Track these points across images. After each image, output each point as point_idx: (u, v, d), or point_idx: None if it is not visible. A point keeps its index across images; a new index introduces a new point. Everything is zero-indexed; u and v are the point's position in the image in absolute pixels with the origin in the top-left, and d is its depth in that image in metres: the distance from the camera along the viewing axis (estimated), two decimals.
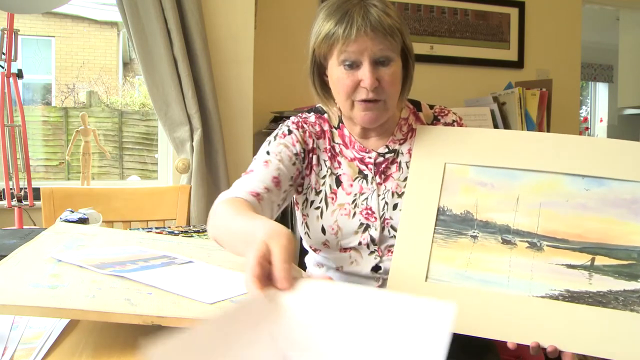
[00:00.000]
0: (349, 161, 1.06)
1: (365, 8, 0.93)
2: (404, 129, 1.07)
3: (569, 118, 3.04)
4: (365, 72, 0.93)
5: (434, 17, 2.75)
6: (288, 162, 1.03)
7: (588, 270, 0.84)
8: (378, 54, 0.94)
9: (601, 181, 0.87)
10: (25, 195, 1.79)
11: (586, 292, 0.82)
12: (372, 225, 1.02)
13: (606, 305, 0.81)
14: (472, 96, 2.71)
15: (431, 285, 0.89)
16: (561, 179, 0.89)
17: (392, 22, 0.94)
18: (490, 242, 0.89)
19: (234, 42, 2.11)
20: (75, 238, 0.97)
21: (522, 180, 0.91)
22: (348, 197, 1.04)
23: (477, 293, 0.86)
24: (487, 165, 0.93)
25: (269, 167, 1.01)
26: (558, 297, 0.83)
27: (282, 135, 1.06)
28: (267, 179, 0.99)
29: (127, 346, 0.64)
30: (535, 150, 0.92)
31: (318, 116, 1.10)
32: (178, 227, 1.55)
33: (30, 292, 0.64)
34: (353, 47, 0.93)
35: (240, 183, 0.99)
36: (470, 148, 0.95)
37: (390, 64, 0.96)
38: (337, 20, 0.94)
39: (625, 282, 0.81)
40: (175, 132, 2.02)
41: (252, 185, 0.97)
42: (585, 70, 5.78)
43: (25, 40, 4.35)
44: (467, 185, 0.93)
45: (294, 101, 2.34)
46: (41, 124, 3.63)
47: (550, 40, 3.01)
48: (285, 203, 1.05)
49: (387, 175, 1.05)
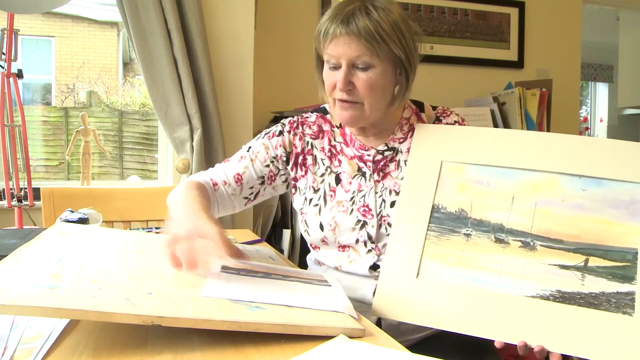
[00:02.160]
0: (349, 159, 1.08)
1: (353, 11, 0.94)
2: (404, 129, 1.08)
3: (569, 118, 3.05)
4: (339, 74, 0.97)
5: (434, 17, 2.75)
6: (260, 164, 1.10)
7: (581, 271, 0.83)
8: (354, 58, 0.95)
9: (598, 181, 0.86)
10: (25, 195, 1.79)
11: (578, 293, 0.81)
12: (369, 223, 1.03)
13: (598, 307, 0.80)
14: (472, 96, 2.71)
15: (422, 281, 0.89)
16: (558, 179, 0.88)
17: (375, 27, 0.93)
18: (483, 240, 0.89)
19: (234, 42, 2.11)
20: (75, 238, 0.97)
21: (518, 179, 0.90)
22: (346, 195, 1.05)
23: (467, 291, 0.86)
24: (484, 164, 0.93)
25: (239, 164, 1.11)
26: (549, 297, 0.82)
27: (271, 135, 1.12)
28: (230, 175, 1.10)
29: (127, 346, 0.64)
30: (532, 150, 0.91)
31: (320, 116, 1.13)
32: None
33: (30, 292, 0.64)
34: (332, 48, 0.97)
35: (213, 169, 1.12)
36: (468, 146, 0.95)
37: (368, 70, 0.96)
38: (327, 19, 0.97)
39: (619, 284, 0.80)
40: (175, 132, 2.02)
41: (215, 175, 1.10)
42: (585, 70, 5.78)
43: (25, 40, 4.35)
44: (462, 183, 0.93)
45: (294, 101, 2.35)
46: (41, 124, 3.63)
47: (550, 40, 3.01)
48: (257, 198, 1.13)
49: (386, 173, 1.06)
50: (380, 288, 0.91)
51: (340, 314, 0.75)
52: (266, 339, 0.66)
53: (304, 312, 0.74)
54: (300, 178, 1.10)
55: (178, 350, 0.64)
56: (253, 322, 0.66)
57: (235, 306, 0.71)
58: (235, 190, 1.09)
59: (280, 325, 0.67)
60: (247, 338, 0.66)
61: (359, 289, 1.02)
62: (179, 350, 0.64)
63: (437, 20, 2.76)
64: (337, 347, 0.65)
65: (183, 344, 0.65)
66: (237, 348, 0.65)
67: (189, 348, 0.64)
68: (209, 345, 0.65)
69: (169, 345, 0.65)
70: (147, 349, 0.63)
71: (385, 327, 1.00)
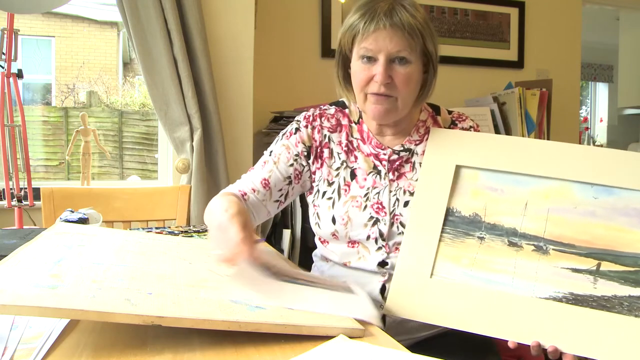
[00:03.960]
0: (365, 156, 1.08)
1: (391, 5, 0.96)
2: (421, 131, 1.09)
3: (569, 118, 3.05)
4: (379, 67, 0.97)
5: (433, 17, 2.75)
6: (284, 165, 1.10)
7: (593, 275, 0.84)
8: (394, 52, 0.96)
9: (610, 190, 0.88)
10: (25, 195, 1.79)
11: (590, 295, 0.83)
12: (382, 220, 1.03)
13: (610, 310, 0.81)
14: (472, 96, 2.71)
15: (436, 281, 0.90)
16: (570, 187, 0.90)
17: (415, 23, 0.96)
18: (496, 243, 0.90)
19: (234, 42, 2.11)
20: (75, 238, 0.97)
21: (531, 186, 0.92)
22: (361, 190, 1.06)
23: (481, 291, 0.87)
24: (497, 170, 0.94)
25: (264, 169, 1.11)
26: (562, 299, 0.84)
27: (289, 135, 1.12)
28: (257, 181, 1.10)
29: (127, 346, 0.64)
30: (545, 158, 0.93)
31: (339, 109, 1.13)
32: (178, 227, 1.55)
33: (30, 292, 0.64)
34: (371, 41, 0.96)
35: (240, 180, 1.13)
36: (482, 152, 0.97)
37: (406, 64, 0.98)
38: (361, 14, 0.98)
39: (631, 288, 0.82)
40: (175, 132, 2.02)
41: (243, 185, 1.11)
42: (585, 70, 5.79)
43: (25, 40, 4.36)
44: (477, 189, 0.95)
45: (294, 101, 2.35)
46: (41, 124, 3.63)
47: (550, 40, 3.01)
48: (288, 199, 1.14)
49: (401, 173, 1.07)
50: (394, 287, 0.92)
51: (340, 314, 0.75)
52: (266, 339, 0.66)
53: (304, 312, 0.74)
54: (317, 170, 1.11)
55: (178, 350, 0.64)
56: (253, 322, 0.66)
57: (235, 306, 0.71)
58: (265, 195, 1.10)
59: (280, 325, 0.67)
60: (247, 338, 0.66)
61: (365, 285, 1.02)
62: (179, 350, 0.64)
63: (437, 20, 2.76)
64: (337, 347, 0.65)
65: (183, 344, 0.65)
66: (237, 348, 0.65)
67: (189, 348, 0.64)
68: (209, 345, 0.65)
69: (169, 345, 0.65)
70: (147, 349, 0.63)
71: (390, 324, 1.00)
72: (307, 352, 0.63)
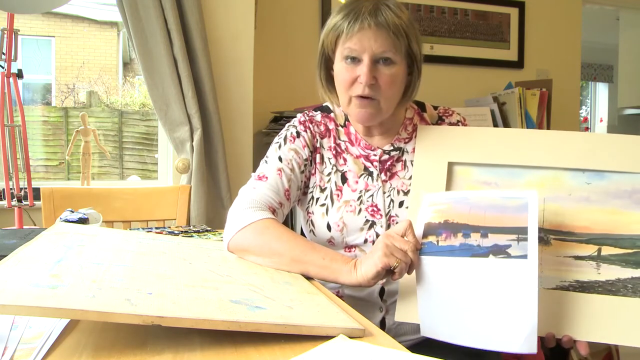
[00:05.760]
0: (355, 158, 1.07)
1: (376, 5, 0.95)
2: (409, 129, 1.09)
3: (569, 118, 3.04)
4: (364, 67, 0.95)
5: (434, 17, 2.75)
6: (298, 171, 1.06)
7: (595, 261, 0.86)
8: (379, 52, 0.95)
9: (601, 174, 0.89)
10: (25, 195, 1.79)
11: (595, 281, 0.85)
12: (378, 222, 1.03)
13: (616, 294, 0.83)
14: (472, 96, 2.71)
15: None
16: (563, 174, 0.91)
17: (400, 22, 0.95)
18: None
19: (234, 42, 2.11)
20: (75, 238, 0.97)
21: (525, 178, 0.93)
22: (353, 194, 1.05)
23: None
24: (490, 164, 0.95)
25: (282, 178, 1.04)
26: (568, 288, 0.85)
27: (292, 139, 1.08)
28: (281, 193, 1.04)
29: (127, 346, 0.64)
30: (536, 147, 0.94)
31: (324, 115, 1.12)
32: (178, 227, 1.55)
33: (30, 292, 0.64)
34: (355, 41, 0.95)
35: (257, 193, 1.03)
36: (472, 146, 0.97)
37: (391, 65, 0.96)
38: (345, 14, 0.96)
39: (633, 269, 0.84)
40: (175, 132, 2.02)
41: (268, 199, 1.02)
42: (585, 70, 5.78)
43: (25, 40, 4.36)
44: (471, 185, 0.95)
45: (294, 101, 2.35)
46: (41, 124, 3.63)
47: (550, 40, 3.01)
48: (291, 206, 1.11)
49: (393, 173, 1.06)
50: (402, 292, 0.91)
51: (340, 314, 0.75)
52: (266, 339, 0.66)
53: (304, 312, 0.74)
54: (311, 176, 1.10)
55: (178, 350, 0.64)
56: (253, 322, 0.66)
57: (235, 306, 0.71)
58: (288, 207, 1.08)
59: (280, 325, 0.67)
60: (247, 338, 0.66)
61: (364, 289, 1.02)
62: (179, 350, 0.64)
63: (437, 20, 2.76)
64: (337, 347, 0.65)
65: (183, 344, 0.65)
66: (237, 348, 0.65)
67: (189, 348, 0.64)
68: (209, 345, 0.65)
69: (169, 345, 0.65)
70: (147, 349, 0.63)
71: (390, 325, 1.00)
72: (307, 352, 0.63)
